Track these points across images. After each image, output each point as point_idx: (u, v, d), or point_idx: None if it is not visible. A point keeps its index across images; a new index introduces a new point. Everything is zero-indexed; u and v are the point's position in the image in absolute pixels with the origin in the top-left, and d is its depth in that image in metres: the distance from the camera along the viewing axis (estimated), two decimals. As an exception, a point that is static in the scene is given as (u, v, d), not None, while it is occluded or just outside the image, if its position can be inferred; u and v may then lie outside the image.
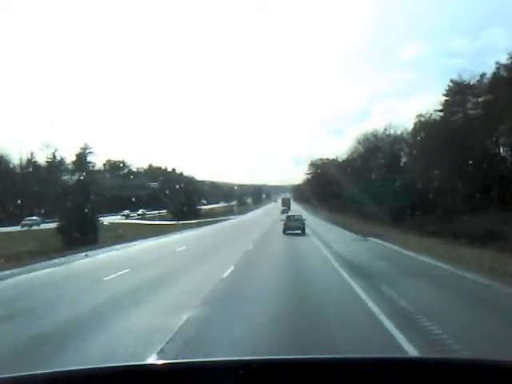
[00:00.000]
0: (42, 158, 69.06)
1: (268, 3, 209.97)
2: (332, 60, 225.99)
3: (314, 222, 57.31)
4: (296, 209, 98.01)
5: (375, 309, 10.66)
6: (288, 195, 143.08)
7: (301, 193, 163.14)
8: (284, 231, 37.55)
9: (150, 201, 74.01)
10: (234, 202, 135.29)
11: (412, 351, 7.30)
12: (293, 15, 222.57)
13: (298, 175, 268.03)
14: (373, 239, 32.37)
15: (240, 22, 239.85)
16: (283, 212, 74.35)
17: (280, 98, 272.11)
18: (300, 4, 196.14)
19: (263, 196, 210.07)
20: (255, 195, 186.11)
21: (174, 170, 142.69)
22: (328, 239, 32.62)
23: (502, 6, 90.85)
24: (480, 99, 40.84)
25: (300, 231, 37.79)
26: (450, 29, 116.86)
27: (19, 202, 47.88)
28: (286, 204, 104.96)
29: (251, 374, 1.97)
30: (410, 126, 53.96)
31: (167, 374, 2.04)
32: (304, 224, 39.53)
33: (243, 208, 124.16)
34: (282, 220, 42.49)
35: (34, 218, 50.38)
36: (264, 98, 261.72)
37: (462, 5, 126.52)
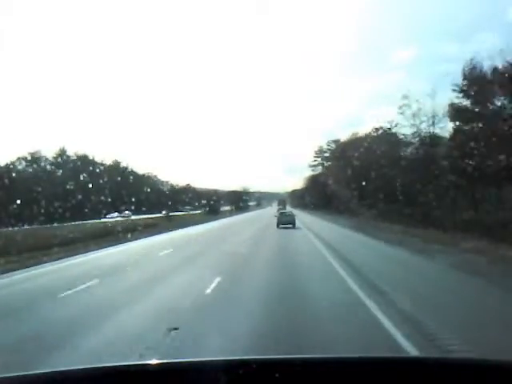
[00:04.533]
0: None
1: (266, 11, 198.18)
2: (324, 66, 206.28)
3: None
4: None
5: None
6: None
7: (298, 198, 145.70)
8: (278, 225, 42.49)
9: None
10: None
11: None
12: (288, 23, 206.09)
13: (290, 184, 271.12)
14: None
15: (235, 25, 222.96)
16: (279, 210, 74.13)
17: (273, 105, 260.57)
18: (298, 8, 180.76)
19: (251, 203, 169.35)
20: (236, 201, 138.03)
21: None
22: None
23: (493, 11, 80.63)
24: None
25: (291, 225, 42.57)
26: (440, 34, 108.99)
27: None
28: (281, 204, 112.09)
29: (251, 374, 1.97)
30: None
31: (166, 373, 2.04)
32: (294, 219, 44.44)
33: (207, 217, 74.50)
34: (275, 216, 48.97)
35: None
36: (257, 104, 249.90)
37: (452, 10, 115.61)
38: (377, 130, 52.29)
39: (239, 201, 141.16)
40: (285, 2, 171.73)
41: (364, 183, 53.82)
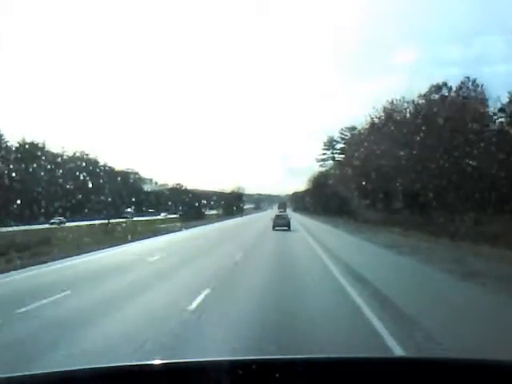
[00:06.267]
0: None
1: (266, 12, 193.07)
2: (325, 67, 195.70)
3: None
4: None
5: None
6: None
7: (299, 200, 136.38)
8: (273, 228, 42.56)
9: None
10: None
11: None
12: (288, 24, 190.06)
13: (291, 186, 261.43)
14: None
15: (234, 25, 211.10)
16: (280, 212, 67.50)
17: (275, 108, 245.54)
18: (298, 9, 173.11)
19: (248, 205, 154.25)
20: (228, 203, 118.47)
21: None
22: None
23: (496, 15, 76.83)
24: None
25: (286, 228, 42.78)
26: (443, 36, 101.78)
27: None
28: (282, 207, 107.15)
29: (250, 374, 1.95)
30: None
31: (166, 373, 2.02)
32: (289, 222, 44.53)
33: (182, 224, 54.76)
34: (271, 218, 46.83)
35: None
36: (258, 105, 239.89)
37: (456, 12, 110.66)
38: (437, 89, 32.43)
39: (231, 203, 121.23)
40: (285, 3, 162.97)
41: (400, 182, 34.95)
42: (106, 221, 41.14)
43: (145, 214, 68.15)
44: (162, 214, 74.56)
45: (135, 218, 56.02)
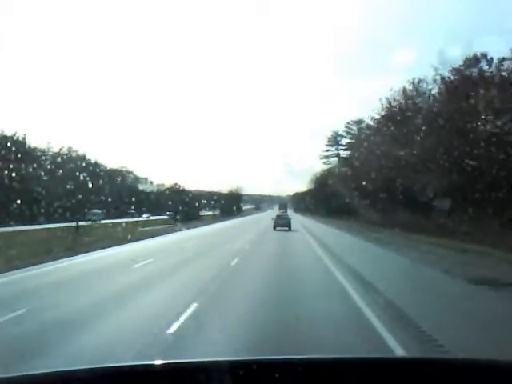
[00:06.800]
0: None
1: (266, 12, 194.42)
2: (326, 67, 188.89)
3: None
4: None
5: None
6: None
7: (300, 201, 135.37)
8: (274, 228, 43.20)
9: None
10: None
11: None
12: (288, 23, 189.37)
13: (292, 187, 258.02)
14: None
15: (234, 25, 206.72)
16: (281, 213, 66.88)
17: (275, 108, 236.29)
18: (298, 9, 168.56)
19: (247, 206, 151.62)
20: (229, 203, 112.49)
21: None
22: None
23: (496, 15, 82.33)
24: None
25: (287, 228, 43.10)
26: (443, 36, 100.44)
27: None
28: (283, 208, 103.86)
29: (251, 374, 1.94)
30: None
31: (167, 373, 2.01)
32: (290, 222, 44.91)
33: (168, 227, 47.70)
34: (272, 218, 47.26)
35: None
36: (259, 107, 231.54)
37: (455, 12, 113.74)
38: (474, 62, 25.39)
39: (229, 203, 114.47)
40: (285, 3, 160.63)
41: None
42: (61, 225, 33.61)
43: (125, 215, 60.40)
44: (144, 216, 67.05)
45: (104, 221, 48.19)
